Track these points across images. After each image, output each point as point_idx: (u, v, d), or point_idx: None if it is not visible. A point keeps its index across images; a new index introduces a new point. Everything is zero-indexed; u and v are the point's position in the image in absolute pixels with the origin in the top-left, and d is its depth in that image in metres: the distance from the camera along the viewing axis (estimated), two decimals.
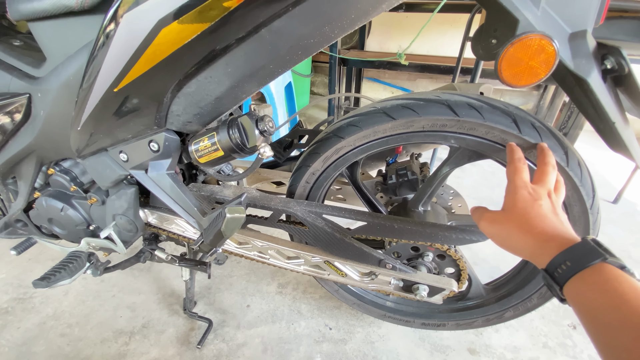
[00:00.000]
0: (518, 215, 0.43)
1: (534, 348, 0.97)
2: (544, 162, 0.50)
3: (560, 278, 0.37)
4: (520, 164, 0.49)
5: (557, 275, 0.37)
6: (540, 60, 0.45)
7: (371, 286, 0.74)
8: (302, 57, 0.50)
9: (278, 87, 1.72)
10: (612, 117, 0.50)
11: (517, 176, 0.47)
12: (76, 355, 0.94)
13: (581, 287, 0.35)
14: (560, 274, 0.37)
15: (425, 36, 2.38)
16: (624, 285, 0.32)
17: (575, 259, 0.36)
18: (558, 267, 0.37)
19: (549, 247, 0.39)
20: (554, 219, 0.42)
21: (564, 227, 0.42)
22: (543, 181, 0.47)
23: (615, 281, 0.33)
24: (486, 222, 0.47)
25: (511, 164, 0.50)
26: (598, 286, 0.34)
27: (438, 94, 0.61)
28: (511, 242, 0.44)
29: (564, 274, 0.36)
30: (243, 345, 0.97)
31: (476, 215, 0.50)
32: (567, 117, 1.75)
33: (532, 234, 0.41)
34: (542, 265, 0.39)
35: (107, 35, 0.48)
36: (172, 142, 0.63)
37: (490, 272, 1.22)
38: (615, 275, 0.33)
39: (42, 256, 1.26)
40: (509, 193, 0.47)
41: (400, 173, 0.82)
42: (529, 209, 0.43)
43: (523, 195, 0.45)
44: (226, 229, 0.60)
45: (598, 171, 2.03)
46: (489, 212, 0.48)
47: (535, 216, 0.42)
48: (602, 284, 0.33)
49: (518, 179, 0.47)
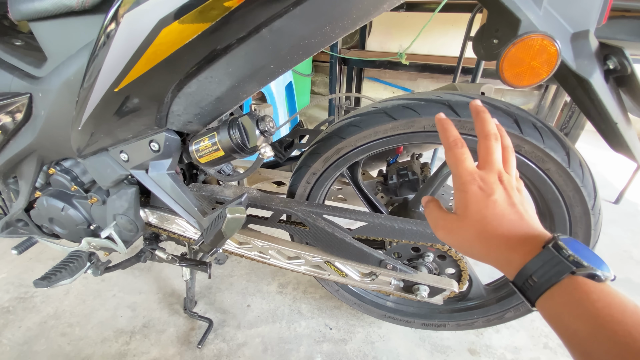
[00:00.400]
0: (473, 222, 0.37)
1: (534, 349, 0.97)
2: (483, 134, 0.40)
3: (529, 294, 0.33)
4: (459, 149, 0.39)
5: (526, 290, 0.33)
6: (542, 61, 0.45)
7: (372, 286, 0.74)
8: (303, 57, 0.49)
9: (279, 87, 1.72)
10: (615, 117, 0.50)
11: (461, 167, 0.38)
12: (77, 354, 0.94)
13: (552, 308, 0.31)
14: (529, 289, 0.33)
15: (426, 36, 2.37)
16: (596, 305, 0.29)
17: (541, 274, 0.32)
18: (525, 281, 0.33)
19: (512, 258, 0.34)
20: (513, 216, 0.36)
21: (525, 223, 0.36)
22: (489, 163, 0.38)
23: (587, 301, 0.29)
24: (442, 232, 0.40)
25: (449, 151, 0.40)
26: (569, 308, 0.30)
27: (439, 94, 0.61)
28: (473, 252, 0.38)
29: (533, 290, 0.32)
30: (243, 345, 0.97)
31: (430, 219, 0.42)
32: (568, 117, 1.75)
33: (492, 243, 0.36)
34: (510, 277, 0.35)
35: (107, 35, 0.48)
36: (173, 142, 0.63)
37: (491, 273, 1.21)
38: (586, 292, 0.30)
39: (43, 255, 1.27)
40: (458, 191, 0.39)
41: (401, 173, 0.82)
42: (484, 210, 0.36)
43: (473, 192, 0.37)
44: (227, 229, 0.60)
45: (599, 171, 2.03)
46: (442, 218, 0.41)
47: (492, 220, 0.36)
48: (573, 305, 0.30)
49: (462, 170, 0.38)
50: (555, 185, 0.61)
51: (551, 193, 0.62)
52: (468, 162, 0.39)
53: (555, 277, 0.31)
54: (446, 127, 0.41)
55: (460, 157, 0.39)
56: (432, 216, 0.42)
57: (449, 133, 0.41)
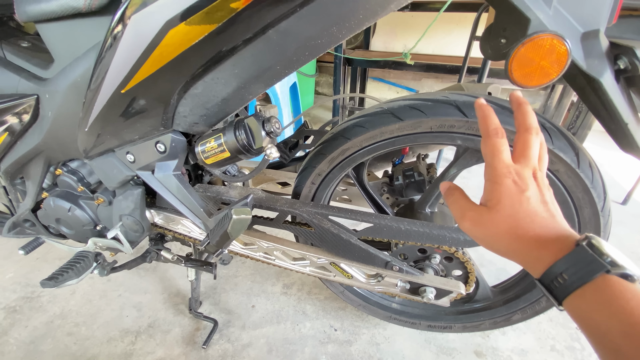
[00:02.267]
0: (505, 216, 0.36)
1: (541, 351, 0.96)
2: (524, 127, 0.39)
3: (557, 292, 0.32)
4: (499, 139, 0.38)
5: (553, 289, 0.32)
6: (551, 61, 0.45)
7: (377, 288, 0.74)
8: (309, 58, 0.49)
9: (283, 88, 1.72)
10: (625, 118, 0.49)
11: (497, 159, 0.37)
12: (83, 354, 0.94)
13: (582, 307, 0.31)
14: (557, 287, 0.32)
15: (431, 35, 2.36)
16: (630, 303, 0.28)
17: (572, 272, 0.31)
18: (554, 279, 0.32)
19: (542, 256, 0.34)
20: (545, 214, 0.35)
21: (556, 223, 0.35)
22: (526, 157, 0.38)
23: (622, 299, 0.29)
24: (469, 224, 0.39)
25: (487, 139, 0.38)
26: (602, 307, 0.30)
27: (446, 94, 0.60)
28: (499, 247, 0.37)
29: (562, 288, 0.32)
30: (248, 345, 0.97)
31: (455, 209, 0.40)
32: (575, 117, 1.73)
33: (523, 239, 0.35)
34: (536, 275, 0.35)
35: (114, 36, 0.48)
36: (179, 143, 0.63)
37: (497, 274, 1.21)
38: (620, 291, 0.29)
39: (50, 255, 1.28)
40: (491, 182, 0.37)
41: (406, 174, 0.82)
42: (517, 206, 0.35)
43: (508, 187, 0.36)
44: (232, 230, 0.60)
45: (607, 172, 2.00)
46: (470, 209, 0.39)
47: (524, 216, 0.35)
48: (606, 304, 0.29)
49: (499, 162, 0.37)
50: (564, 186, 0.60)
51: (560, 195, 0.61)
52: (505, 154, 0.38)
53: (588, 275, 0.30)
54: (487, 113, 0.40)
55: (499, 147, 0.38)
56: (457, 205, 0.40)
57: (489, 120, 0.39)
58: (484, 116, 0.40)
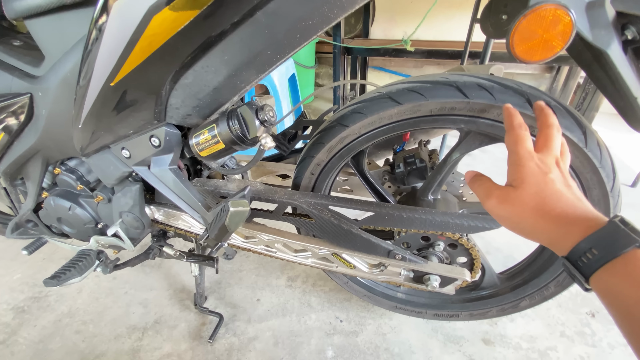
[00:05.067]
0: (531, 194, 0.37)
1: (551, 337, 0.95)
2: (546, 124, 0.42)
3: (585, 268, 0.32)
4: (522, 131, 0.42)
5: (581, 265, 0.32)
6: (555, 33, 0.42)
7: (381, 278, 0.72)
8: (301, 42, 0.47)
9: (281, 79, 1.70)
10: (634, 91, 0.47)
11: (520, 145, 0.40)
12: (91, 351, 0.95)
13: (611, 280, 0.30)
14: (586, 263, 0.32)
15: (431, 21, 2.31)
16: None
17: (603, 247, 0.31)
18: (582, 255, 0.32)
19: (570, 232, 0.34)
20: (570, 195, 0.36)
21: (583, 204, 0.36)
22: (549, 147, 0.40)
23: None
24: (495, 201, 0.40)
25: (511, 131, 0.42)
26: (632, 279, 0.29)
27: (446, 75, 0.58)
28: (525, 226, 0.38)
29: (590, 263, 0.31)
30: (254, 338, 0.96)
31: (481, 190, 0.42)
32: (582, 98, 1.69)
33: (550, 217, 0.35)
34: (563, 253, 0.34)
35: (98, 27, 0.46)
36: (173, 137, 0.62)
37: (504, 261, 1.19)
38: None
39: (56, 255, 1.28)
40: (514, 165, 0.40)
41: (408, 161, 0.80)
42: (542, 185, 0.37)
43: (531, 168, 0.38)
44: (230, 223, 0.59)
45: (615, 154, 1.96)
46: (497, 188, 0.41)
47: (550, 195, 0.36)
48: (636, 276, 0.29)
49: (522, 148, 0.40)
50: (572, 167, 0.58)
51: None
52: (528, 143, 0.41)
53: (619, 249, 0.30)
54: (513, 113, 0.45)
55: (522, 137, 0.41)
56: (483, 187, 0.42)
57: (514, 118, 0.44)
58: (509, 114, 0.45)
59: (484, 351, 0.91)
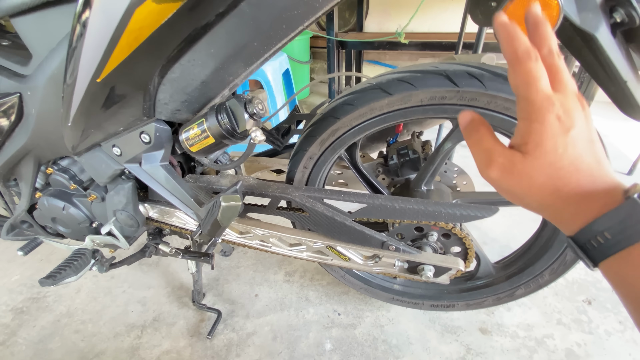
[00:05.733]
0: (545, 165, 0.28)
1: (547, 325, 0.95)
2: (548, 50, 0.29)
3: (595, 253, 0.27)
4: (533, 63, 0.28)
5: (589, 249, 0.27)
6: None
7: (375, 269, 0.73)
8: (288, 32, 0.47)
9: (275, 75, 1.69)
10: (624, 75, 0.46)
11: (535, 88, 0.28)
12: (90, 350, 0.95)
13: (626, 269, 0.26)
14: (596, 247, 0.27)
15: (425, 13, 2.30)
16: None
17: (618, 231, 0.26)
18: (592, 238, 0.27)
19: (580, 210, 0.28)
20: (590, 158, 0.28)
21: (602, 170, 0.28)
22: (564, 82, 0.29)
23: None
24: (498, 172, 0.30)
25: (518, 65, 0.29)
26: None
27: (435, 64, 0.58)
28: (530, 201, 0.30)
29: (602, 249, 0.27)
30: (253, 334, 0.97)
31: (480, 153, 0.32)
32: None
33: (561, 193, 0.28)
34: (570, 233, 0.29)
35: (82, 22, 0.46)
36: (163, 133, 0.62)
37: (501, 252, 1.19)
38: None
39: (53, 256, 1.28)
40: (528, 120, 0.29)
41: (401, 153, 0.80)
42: (561, 151, 0.28)
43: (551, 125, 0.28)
44: (222, 218, 0.59)
45: (612, 143, 1.96)
46: (501, 155, 0.30)
47: (568, 164, 0.28)
48: None
49: (537, 92, 0.28)
50: None
51: None
52: (545, 82, 0.28)
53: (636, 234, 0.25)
54: (512, 33, 0.29)
55: (535, 74, 0.28)
56: (483, 147, 0.32)
57: (517, 42, 0.28)
58: (508, 37, 0.29)
59: (481, 340, 0.92)
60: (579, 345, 0.90)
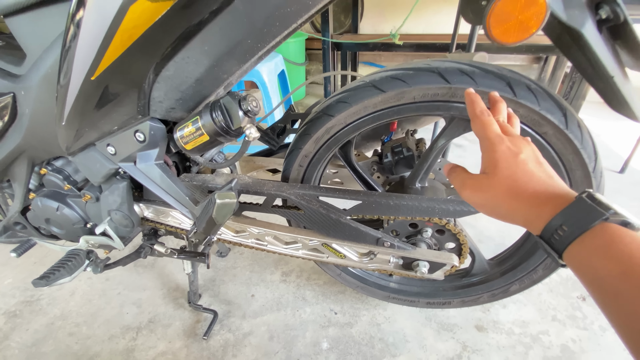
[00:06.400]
0: (504, 178, 0.38)
1: (542, 322, 0.96)
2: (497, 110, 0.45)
3: (557, 245, 0.33)
4: (486, 117, 0.42)
5: (553, 242, 0.33)
6: (530, 14, 0.43)
7: (371, 266, 0.73)
8: (281, 30, 0.47)
9: (271, 76, 1.70)
10: (610, 70, 0.47)
11: (488, 129, 0.41)
12: (85, 352, 0.94)
13: (582, 254, 0.31)
14: (558, 240, 0.33)
15: (420, 15, 2.32)
16: (630, 247, 0.29)
17: (571, 222, 0.32)
18: (554, 232, 0.33)
19: (542, 211, 0.35)
20: (542, 174, 0.37)
21: (554, 182, 0.37)
22: (511, 132, 0.42)
23: (620, 243, 0.29)
24: (469, 191, 0.41)
25: (475, 119, 0.43)
26: (600, 251, 0.30)
27: (428, 62, 0.59)
28: (500, 210, 0.38)
29: (562, 240, 0.32)
30: (249, 334, 0.97)
31: (456, 182, 0.44)
32: (569, 87, 1.71)
33: (522, 198, 0.36)
34: (537, 232, 0.35)
35: (75, 21, 0.46)
36: (158, 131, 0.62)
37: (496, 249, 1.19)
38: (619, 236, 0.29)
39: (47, 259, 1.27)
40: (486, 151, 0.40)
41: (395, 151, 0.80)
42: (514, 167, 0.38)
43: (503, 152, 0.39)
44: (217, 215, 0.59)
45: (604, 141, 1.98)
46: (470, 178, 0.42)
47: (522, 176, 0.37)
48: (604, 248, 0.30)
49: (490, 132, 0.40)
50: (554, 149, 0.59)
51: (549, 158, 0.59)
52: (495, 127, 0.41)
53: (587, 223, 0.31)
54: (474, 99, 0.44)
55: (487, 122, 0.42)
56: (459, 178, 0.43)
57: (476, 105, 0.44)
58: (471, 101, 0.44)
59: (477, 337, 0.92)
60: (574, 341, 0.91)
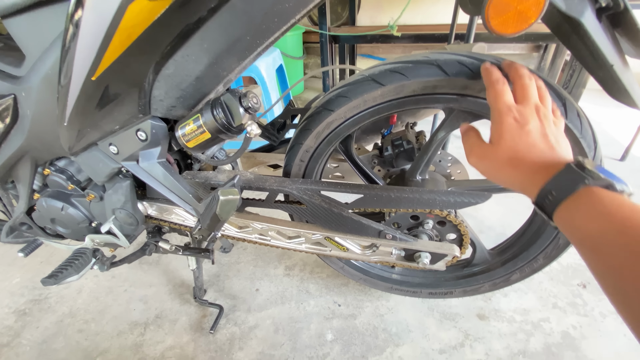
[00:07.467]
0: (506, 149, 0.41)
1: (543, 309, 0.97)
2: (518, 76, 0.45)
3: (548, 208, 0.37)
4: (500, 85, 0.44)
5: (545, 206, 0.37)
6: (529, 4, 0.43)
7: (373, 258, 0.74)
8: (280, 25, 0.47)
9: (269, 71, 1.69)
10: (610, 59, 0.47)
11: (499, 100, 0.43)
12: (94, 348, 0.96)
13: (568, 216, 0.35)
14: (548, 204, 0.37)
15: (417, 5, 2.30)
16: (609, 207, 0.32)
17: (558, 188, 0.36)
18: (545, 197, 0.37)
19: (536, 179, 0.38)
20: (543, 145, 0.40)
21: (553, 152, 0.40)
22: (526, 97, 0.43)
23: (599, 204, 0.32)
24: (475, 158, 0.45)
25: (490, 87, 0.45)
26: (582, 213, 0.33)
27: (426, 54, 0.58)
28: (501, 177, 0.43)
29: (551, 204, 0.36)
30: (255, 327, 0.98)
31: (466, 146, 0.47)
32: (569, 76, 1.70)
33: (521, 167, 0.40)
34: (533, 197, 0.39)
35: (74, 21, 0.46)
36: (160, 129, 0.62)
37: (497, 239, 1.19)
38: (599, 198, 0.33)
39: (53, 258, 1.29)
40: (494, 122, 0.43)
41: (395, 144, 0.81)
42: (517, 139, 0.41)
43: (509, 123, 0.41)
44: (221, 212, 0.59)
45: (604, 129, 1.98)
46: (478, 146, 0.45)
47: (523, 147, 0.40)
48: (586, 209, 0.33)
49: (500, 102, 0.43)
50: None
51: None
52: (507, 97, 0.43)
53: (570, 188, 0.34)
54: (491, 70, 0.47)
55: (500, 91, 0.43)
56: (469, 142, 0.47)
57: (492, 74, 0.46)
58: (487, 72, 0.47)
59: (479, 326, 0.94)
60: (574, 328, 0.92)
